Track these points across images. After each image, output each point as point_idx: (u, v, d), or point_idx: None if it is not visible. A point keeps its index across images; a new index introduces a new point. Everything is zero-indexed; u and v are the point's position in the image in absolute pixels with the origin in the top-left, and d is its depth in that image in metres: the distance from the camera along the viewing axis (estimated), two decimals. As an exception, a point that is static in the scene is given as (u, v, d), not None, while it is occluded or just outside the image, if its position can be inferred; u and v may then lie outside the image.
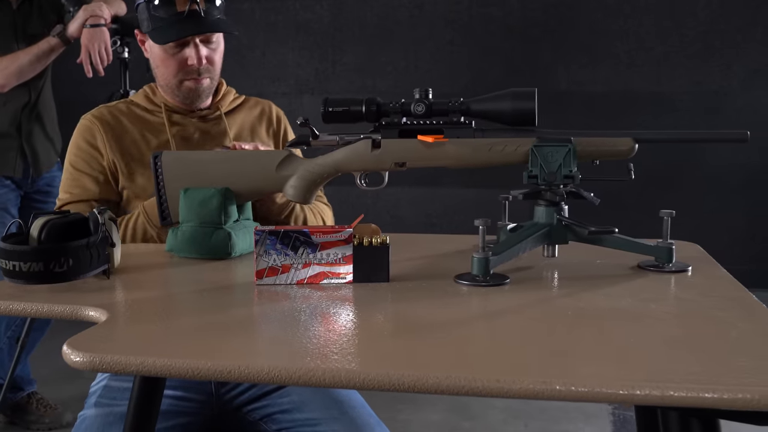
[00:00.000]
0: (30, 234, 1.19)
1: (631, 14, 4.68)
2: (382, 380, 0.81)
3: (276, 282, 1.15)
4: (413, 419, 2.94)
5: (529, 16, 4.79)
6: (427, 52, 4.93)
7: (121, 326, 1.00)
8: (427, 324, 0.98)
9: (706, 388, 0.73)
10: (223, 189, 1.34)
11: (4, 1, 2.61)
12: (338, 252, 1.14)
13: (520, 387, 0.76)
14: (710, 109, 4.64)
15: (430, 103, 1.25)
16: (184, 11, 1.58)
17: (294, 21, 5.04)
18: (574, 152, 1.17)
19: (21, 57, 2.52)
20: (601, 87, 4.75)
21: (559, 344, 0.89)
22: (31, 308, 1.10)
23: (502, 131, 1.24)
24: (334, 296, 1.10)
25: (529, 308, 1.03)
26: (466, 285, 1.12)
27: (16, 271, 1.15)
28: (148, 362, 0.85)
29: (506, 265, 1.20)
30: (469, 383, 0.77)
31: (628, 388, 0.74)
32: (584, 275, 1.19)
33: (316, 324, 0.98)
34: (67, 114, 1.68)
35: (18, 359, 2.58)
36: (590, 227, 1.17)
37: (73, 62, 2.53)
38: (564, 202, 1.20)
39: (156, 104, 1.72)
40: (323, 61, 5.07)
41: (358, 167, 1.32)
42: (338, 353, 0.86)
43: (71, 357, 0.87)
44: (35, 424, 2.81)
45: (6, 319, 2.69)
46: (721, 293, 1.08)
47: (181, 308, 1.12)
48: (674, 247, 1.20)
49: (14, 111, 2.64)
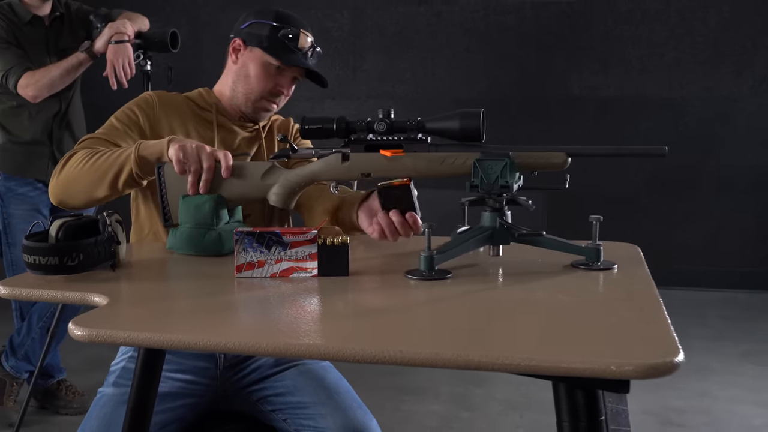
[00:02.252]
0: (49, 233, 1.41)
1: (643, 21, 4.79)
2: (337, 352, 1.00)
3: (253, 275, 1.35)
4: (416, 410, 3.12)
5: (543, 24, 4.92)
6: (444, 59, 5.09)
7: (118, 308, 1.21)
8: (376, 309, 1.19)
9: (584, 361, 0.90)
10: (215, 195, 1.54)
11: (37, 18, 2.85)
12: (305, 250, 1.34)
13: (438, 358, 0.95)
14: (721, 115, 4.74)
15: (391, 122, 1.44)
16: (303, 48, 1.79)
17: (317, 29, 5.18)
18: (511, 165, 1.34)
19: (52, 70, 2.75)
20: (614, 92, 4.87)
21: (478, 324, 1.09)
22: (48, 294, 1.32)
23: (453, 146, 1.42)
24: (301, 287, 1.30)
25: (460, 297, 1.22)
26: (413, 279, 1.31)
27: (36, 264, 1.37)
28: (133, 335, 1.06)
29: (455, 262, 1.39)
30: (399, 354, 0.96)
31: (526, 360, 0.92)
32: (519, 272, 1.37)
33: (286, 308, 1.19)
34: (98, 117, 1.86)
35: (48, 348, 2.81)
36: (523, 231, 1.35)
37: (103, 71, 2.74)
38: (507, 208, 1.38)
39: (208, 104, 1.87)
40: (344, 68, 5.25)
41: (331, 177, 1.51)
42: (304, 331, 1.06)
43: (75, 332, 1.08)
44: (64, 409, 3.04)
45: (38, 311, 2.93)
46: (627, 288, 1.26)
47: (173, 295, 1.33)
48: (602, 247, 1.37)
49: (46, 120, 2.88)
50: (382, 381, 3.39)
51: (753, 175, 4.75)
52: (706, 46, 4.73)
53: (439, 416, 3.05)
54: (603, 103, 4.89)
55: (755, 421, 2.97)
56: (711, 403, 3.14)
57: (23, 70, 2.73)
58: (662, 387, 3.31)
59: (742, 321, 4.25)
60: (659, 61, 4.80)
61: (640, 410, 3.08)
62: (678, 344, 0.93)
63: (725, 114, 4.75)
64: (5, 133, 2.87)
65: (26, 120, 2.86)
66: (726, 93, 4.73)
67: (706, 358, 3.65)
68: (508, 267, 1.40)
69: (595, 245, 1.36)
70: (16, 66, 2.74)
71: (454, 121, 1.39)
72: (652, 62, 4.81)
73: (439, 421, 3.01)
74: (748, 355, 3.70)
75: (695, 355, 3.70)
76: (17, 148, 2.87)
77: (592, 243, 1.36)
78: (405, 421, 3.02)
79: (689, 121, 4.79)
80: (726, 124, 4.75)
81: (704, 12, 4.70)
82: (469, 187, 1.36)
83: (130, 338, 1.06)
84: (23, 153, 2.87)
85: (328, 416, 1.55)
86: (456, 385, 3.34)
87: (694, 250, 4.85)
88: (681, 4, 4.72)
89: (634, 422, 2.97)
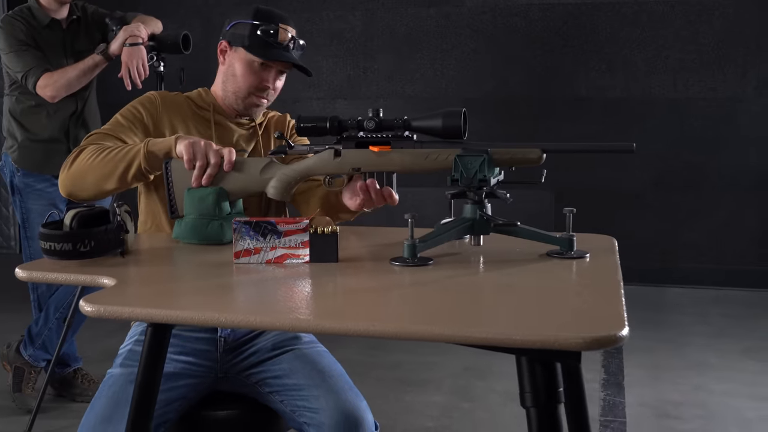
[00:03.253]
0: (63, 222, 1.52)
1: (648, 23, 4.86)
2: (324, 327, 1.12)
3: (250, 261, 1.46)
4: (418, 400, 3.21)
5: (550, 26, 5.00)
6: (453, 59, 5.18)
7: (125, 288, 1.33)
8: (361, 291, 1.31)
9: (535, 334, 1.00)
10: (218, 188, 1.65)
11: (55, 22, 2.98)
12: (298, 238, 1.45)
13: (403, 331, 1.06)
14: (725, 115, 4.80)
15: (379, 120, 1.54)
16: (284, 42, 1.88)
17: (328, 30, 5.34)
18: (489, 161, 1.44)
19: (69, 72, 2.88)
20: (620, 93, 4.95)
21: (449, 304, 1.20)
22: (62, 277, 1.44)
23: (436, 143, 1.52)
24: (294, 272, 1.41)
25: (438, 281, 1.33)
26: (397, 265, 1.42)
27: (52, 250, 1.49)
28: (137, 311, 1.19)
29: (440, 250, 1.49)
30: (372, 328, 1.07)
31: (483, 333, 1.02)
32: (496, 260, 1.47)
33: (280, 290, 1.31)
34: (112, 116, 1.96)
35: (64, 338, 2.93)
36: (500, 221, 1.45)
37: (118, 72, 2.86)
38: (488, 200, 1.48)
39: (206, 103, 1.96)
40: (355, 68, 5.36)
41: (324, 171, 1.63)
42: (296, 309, 1.19)
43: (85, 308, 1.20)
44: (80, 396, 3.16)
45: (55, 302, 3.06)
46: (593, 275, 1.35)
47: (176, 277, 1.45)
48: (575, 238, 1.47)
49: (63, 119, 3.01)
50: (388, 374, 3.49)
51: (757, 174, 4.81)
52: (710, 47, 4.80)
53: (440, 407, 3.15)
54: (609, 103, 4.96)
55: (748, 414, 3.04)
56: (707, 397, 3.21)
57: (42, 71, 2.86)
58: (660, 381, 3.39)
59: (744, 318, 4.30)
60: (664, 63, 4.87)
61: (637, 403, 3.16)
62: (624, 321, 1.03)
63: (730, 114, 4.81)
64: (24, 131, 3.00)
65: (44, 119, 2.99)
66: (730, 94, 4.79)
67: (705, 354, 3.72)
68: (487, 255, 1.50)
69: (568, 236, 1.46)
70: (35, 67, 2.86)
71: (437, 119, 1.49)
72: (658, 63, 4.88)
73: (440, 411, 3.10)
74: (748, 352, 3.76)
75: (694, 351, 3.77)
76: (35, 146, 3.00)
77: (565, 233, 1.46)
78: (407, 411, 3.11)
79: (694, 121, 4.86)
80: (730, 124, 4.81)
81: (709, 14, 4.77)
82: (450, 182, 1.46)
83: (134, 314, 1.18)
84: (41, 150, 3.00)
85: (321, 398, 1.66)
86: (459, 377, 3.44)
87: (699, 248, 4.91)
88: (686, 6, 4.79)
89: (630, 414, 3.07)
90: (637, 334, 4.01)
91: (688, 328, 4.14)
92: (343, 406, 1.64)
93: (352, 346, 3.80)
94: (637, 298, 4.70)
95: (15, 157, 3.01)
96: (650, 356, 3.70)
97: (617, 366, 3.59)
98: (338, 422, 1.60)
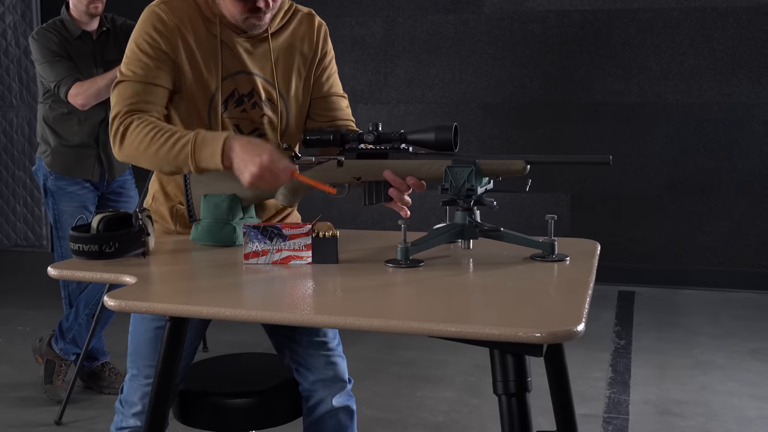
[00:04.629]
0: (91, 225, 1.68)
1: (663, 30, 4.94)
2: (325, 322, 1.28)
3: (258, 262, 1.61)
4: (429, 396, 3.35)
5: (567, 33, 5.10)
6: (471, 65, 5.29)
7: (145, 285, 1.48)
8: (358, 289, 1.45)
9: (500, 329, 1.13)
10: (231, 195, 1.80)
11: (86, 33, 3.15)
12: (301, 241, 1.59)
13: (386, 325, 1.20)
14: (739, 120, 4.87)
15: (378, 134, 1.68)
16: None
17: (350, 36, 5.47)
18: (477, 171, 1.57)
19: (99, 81, 3.05)
20: (635, 98, 5.03)
21: (432, 302, 1.34)
22: (89, 275, 1.61)
23: (430, 155, 1.66)
24: (298, 272, 1.55)
25: (426, 281, 1.47)
26: (391, 266, 1.56)
27: (80, 250, 1.64)
28: (153, 306, 1.34)
29: (433, 253, 1.63)
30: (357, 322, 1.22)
31: (456, 327, 1.15)
32: (483, 262, 1.60)
33: (285, 288, 1.46)
34: None
35: (93, 333, 3.10)
36: (485, 227, 1.58)
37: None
38: (476, 207, 1.61)
39: (213, 14, 1.84)
40: (376, 74, 5.49)
41: (328, 180, 1.77)
42: (299, 305, 1.33)
43: (109, 303, 1.35)
44: (107, 389, 3.33)
45: (84, 299, 3.23)
46: (567, 276, 1.48)
47: (191, 276, 1.60)
48: (556, 242, 1.59)
49: (93, 125, 3.18)
50: (403, 370, 3.63)
51: (770, 178, 4.88)
52: (724, 53, 4.86)
53: (450, 402, 3.28)
54: (625, 108, 5.05)
55: (749, 413, 3.14)
56: (710, 396, 3.31)
57: (73, 80, 3.03)
58: (666, 380, 3.48)
59: (754, 320, 4.37)
60: (679, 68, 4.95)
61: (642, 401, 3.26)
62: (582, 318, 1.15)
63: (743, 119, 4.88)
64: (57, 137, 3.18)
65: (75, 125, 3.17)
66: (744, 99, 4.86)
67: (712, 355, 3.81)
68: (476, 258, 1.63)
69: (549, 240, 1.58)
70: (67, 77, 3.04)
71: (430, 133, 1.63)
72: (673, 69, 4.95)
73: (450, 406, 3.23)
74: (755, 353, 3.84)
75: (702, 351, 3.86)
76: (67, 151, 3.18)
77: (547, 238, 1.59)
78: (418, 406, 3.25)
79: (708, 126, 4.93)
80: (744, 128, 4.88)
81: (723, 20, 4.83)
82: (440, 190, 1.60)
83: (152, 308, 1.34)
84: (72, 155, 3.18)
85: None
86: (470, 374, 3.56)
87: (713, 251, 4.98)
88: (700, 12, 4.86)
89: (634, 411, 3.18)
90: (647, 335, 4.11)
91: (697, 329, 4.22)
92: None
93: (370, 343, 3.94)
94: (650, 300, 4.79)
95: (48, 162, 3.19)
96: (658, 356, 3.80)
97: (625, 365, 3.69)
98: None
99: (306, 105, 1.95)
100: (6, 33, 6.20)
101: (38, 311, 4.60)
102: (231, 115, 1.86)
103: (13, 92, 6.24)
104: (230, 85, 1.85)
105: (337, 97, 1.97)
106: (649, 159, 5.03)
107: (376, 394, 3.35)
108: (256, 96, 1.86)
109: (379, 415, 3.15)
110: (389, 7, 5.39)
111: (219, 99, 1.84)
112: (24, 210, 6.31)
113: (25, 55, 6.10)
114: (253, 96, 1.86)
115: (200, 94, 1.84)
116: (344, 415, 1.90)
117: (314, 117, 1.95)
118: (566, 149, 5.13)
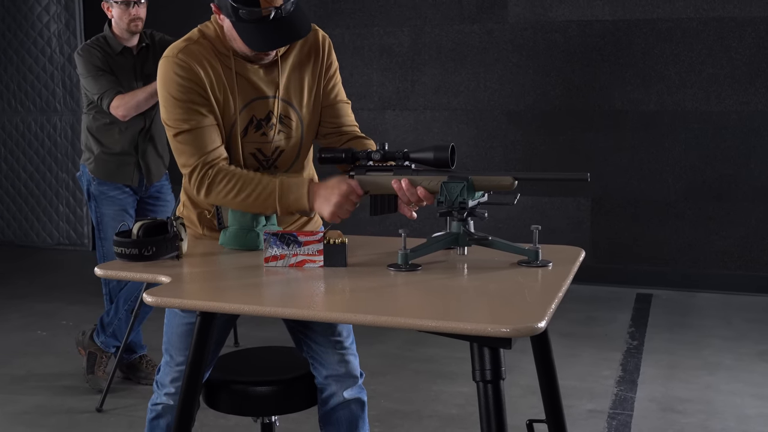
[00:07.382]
0: (132, 231, 1.92)
1: (682, 39, 5.06)
2: (335, 317, 1.55)
3: (276, 265, 1.83)
4: (445, 390, 3.53)
5: (588, 42, 5.24)
6: (495, 73, 5.46)
7: (178, 284, 1.71)
8: (363, 289, 1.67)
9: (472, 324, 1.34)
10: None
11: (127, 49, 3.39)
12: (314, 247, 1.81)
13: (377, 320, 1.40)
14: (756, 128, 4.98)
15: (384, 152, 1.88)
16: (269, 16, 1.85)
17: (378, 45, 5.66)
18: (469, 186, 1.77)
19: (138, 94, 3.29)
20: (654, 106, 5.16)
21: (422, 301, 1.55)
22: (129, 275, 1.85)
23: (429, 171, 1.86)
24: (311, 274, 1.78)
25: (421, 283, 1.68)
26: (392, 270, 1.77)
27: (122, 253, 1.88)
28: (185, 302, 1.58)
29: (432, 258, 1.84)
30: (353, 317, 1.43)
31: (434, 322, 1.36)
32: (474, 266, 1.80)
33: (300, 288, 1.69)
34: None
35: (132, 327, 3.34)
36: (475, 236, 1.78)
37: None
38: (470, 218, 1.81)
39: (225, 48, 1.97)
40: (404, 81, 5.67)
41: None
42: (313, 302, 1.57)
43: (147, 299, 1.58)
44: (144, 380, 3.57)
45: (124, 295, 3.46)
46: (545, 280, 1.67)
47: (218, 276, 1.82)
48: (540, 249, 1.79)
49: (133, 134, 3.43)
50: (422, 366, 3.82)
51: (787, 185, 4.98)
52: (742, 62, 4.97)
53: (465, 396, 3.46)
54: (644, 116, 5.17)
55: (749, 411, 3.28)
56: (713, 395, 3.45)
57: (115, 93, 3.28)
58: (672, 380, 3.63)
59: (766, 323, 4.48)
60: (698, 77, 5.06)
61: (647, 398, 3.42)
62: (545, 315, 1.35)
63: (761, 127, 4.97)
64: (99, 145, 3.43)
65: (117, 134, 3.41)
66: (762, 107, 4.96)
67: (721, 356, 3.93)
68: (469, 263, 1.84)
69: (534, 248, 1.78)
70: (109, 90, 3.28)
71: (430, 152, 1.83)
72: (691, 78, 5.07)
73: (465, 400, 3.41)
74: (763, 355, 3.96)
75: (711, 353, 3.99)
76: (109, 158, 3.43)
77: (532, 246, 1.79)
78: (434, 399, 3.44)
79: (726, 133, 5.04)
80: (761, 136, 4.98)
81: (741, 30, 4.94)
82: (436, 203, 1.80)
83: (185, 304, 1.58)
84: (114, 162, 3.43)
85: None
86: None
87: (730, 255, 5.09)
88: (719, 22, 4.97)
89: (639, 408, 3.35)
90: (659, 336, 4.25)
91: (709, 331, 4.34)
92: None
93: (393, 340, 4.14)
94: (666, 303, 4.92)
95: (91, 168, 3.44)
96: (668, 357, 3.93)
97: (635, 365, 3.84)
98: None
99: (317, 115, 2.13)
100: (51, 41, 6.49)
101: (80, 306, 4.86)
102: (252, 139, 2.04)
103: (57, 97, 6.53)
104: (248, 114, 2.02)
105: (342, 104, 2.16)
106: (668, 165, 5.16)
107: (396, 389, 3.54)
108: (273, 117, 2.04)
109: (396, 407, 3.34)
110: (416, 17, 5.57)
111: (238, 129, 2.01)
112: (67, 210, 6.59)
113: (69, 62, 6.38)
114: (271, 118, 2.04)
115: (222, 126, 2.02)
116: (356, 406, 2.10)
117: (323, 124, 2.14)
118: (587, 155, 5.28)
